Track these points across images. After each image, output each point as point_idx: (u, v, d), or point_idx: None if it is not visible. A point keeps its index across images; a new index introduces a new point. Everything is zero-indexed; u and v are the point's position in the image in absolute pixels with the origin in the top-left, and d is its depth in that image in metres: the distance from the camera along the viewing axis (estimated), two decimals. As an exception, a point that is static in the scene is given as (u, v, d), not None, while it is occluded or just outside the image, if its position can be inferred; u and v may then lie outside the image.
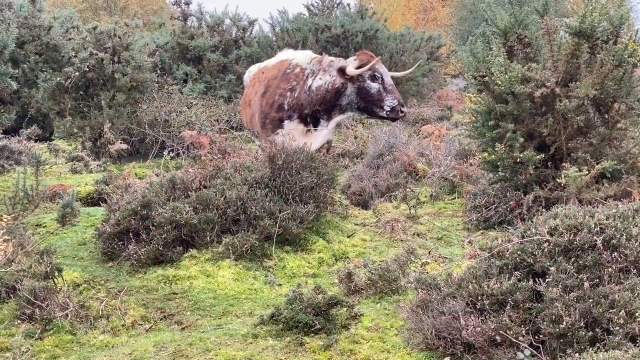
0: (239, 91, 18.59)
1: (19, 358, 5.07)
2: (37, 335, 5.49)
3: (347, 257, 7.42)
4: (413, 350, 5.12)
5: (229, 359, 5.06)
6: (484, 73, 7.57)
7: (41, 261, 6.07)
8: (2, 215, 5.39)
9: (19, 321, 5.64)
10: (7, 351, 5.21)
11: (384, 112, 9.08)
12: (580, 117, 7.30)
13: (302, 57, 10.03)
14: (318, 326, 5.44)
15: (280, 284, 6.76)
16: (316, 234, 7.54)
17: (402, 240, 7.94)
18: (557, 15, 9.44)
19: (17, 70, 7.30)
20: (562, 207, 5.52)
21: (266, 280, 6.79)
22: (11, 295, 5.94)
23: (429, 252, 7.39)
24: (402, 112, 9.13)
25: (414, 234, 8.23)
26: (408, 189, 9.85)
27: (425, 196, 10.25)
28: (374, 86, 9.07)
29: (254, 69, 11.16)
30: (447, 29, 36.47)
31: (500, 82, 7.39)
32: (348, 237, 7.87)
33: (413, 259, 6.80)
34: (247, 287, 6.66)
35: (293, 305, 5.56)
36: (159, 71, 15.76)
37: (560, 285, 4.67)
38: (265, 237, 7.12)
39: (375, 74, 9.09)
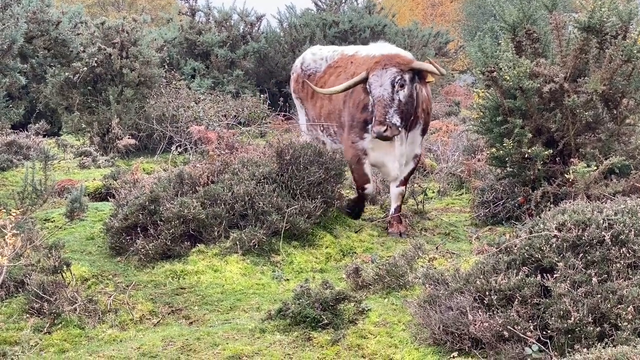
0: (246, 86, 18.57)
1: (27, 352, 5.09)
2: (45, 329, 5.51)
3: (355, 253, 7.42)
4: (420, 345, 5.13)
5: (236, 353, 5.07)
6: (492, 68, 7.55)
7: (50, 256, 6.08)
8: (10, 210, 5.39)
9: (27, 315, 5.66)
10: (15, 345, 5.24)
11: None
12: (588, 112, 7.29)
13: None
14: (325, 321, 5.45)
15: (287, 279, 6.78)
16: (324, 229, 7.54)
17: (409, 236, 7.94)
18: (566, 10, 9.42)
19: (25, 65, 7.32)
20: (570, 202, 5.51)
21: (274, 275, 6.80)
22: (20, 290, 5.96)
23: (437, 248, 7.38)
24: (374, 132, 7.47)
25: (421, 229, 8.24)
26: (416, 185, 9.83)
27: (433, 191, 10.25)
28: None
29: (325, 52, 9.26)
30: (455, 25, 36.41)
31: (508, 78, 7.37)
32: (355, 232, 7.87)
33: (421, 255, 6.79)
34: (255, 282, 6.67)
35: (300, 300, 5.56)
36: (166, 66, 15.77)
37: (568, 281, 4.67)
38: (273, 232, 7.13)
39: None
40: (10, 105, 7.65)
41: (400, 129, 7.45)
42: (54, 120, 16.20)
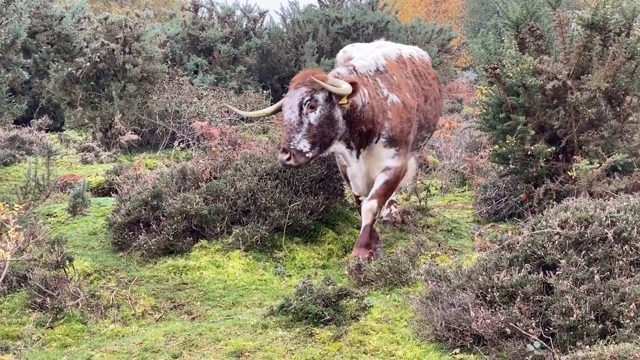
0: (249, 82, 18.56)
1: (30, 346, 5.10)
2: (48, 324, 5.52)
3: (357, 250, 7.41)
4: (423, 341, 5.13)
5: (238, 349, 5.07)
6: (496, 65, 7.54)
7: (52, 250, 6.09)
8: (13, 205, 5.40)
9: (30, 310, 5.67)
10: (18, 339, 5.25)
11: None
12: (591, 109, 7.27)
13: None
14: (328, 317, 5.45)
15: (289, 275, 6.79)
16: (326, 226, 7.54)
17: (412, 232, 7.94)
18: (569, 7, 9.40)
19: (28, 60, 7.32)
20: (573, 200, 5.51)
21: (276, 271, 6.81)
22: (22, 284, 5.96)
23: (439, 245, 7.39)
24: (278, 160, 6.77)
25: (423, 226, 8.23)
26: (418, 181, 9.82)
27: (436, 188, 10.24)
28: None
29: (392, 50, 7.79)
30: (458, 21, 36.37)
31: (511, 75, 7.36)
32: (358, 228, 7.86)
33: (423, 251, 6.80)
34: (257, 278, 6.68)
35: (303, 296, 5.57)
36: (169, 62, 15.78)
37: (570, 278, 4.67)
38: (275, 228, 7.13)
39: None
40: (13, 100, 7.66)
41: (310, 156, 6.44)
42: (57, 115, 16.21)
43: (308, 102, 6.42)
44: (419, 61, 7.86)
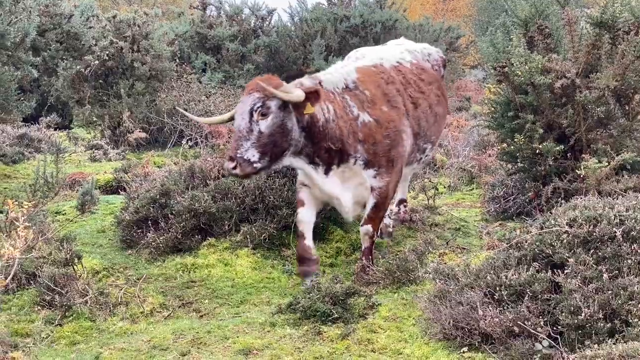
0: (257, 80, 18.50)
1: (39, 344, 5.13)
2: (56, 321, 5.55)
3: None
4: (430, 340, 5.14)
5: (246, 347, 5.09)
6: (504, 64, 7.53)
7: (61, 248, 6.12)
8: (22, 202, 5.42)
9: (38, 307, 5.70)
10: (27, 337, 5.28)
11: None
12: (600, 108, 7.25)
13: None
14: (335, 315, 5.47)
15: (298, 274, 6.78)
16: (334, 224, 7.53)
17: (420, 231, 7.93)
18: (578, 6, 9.37)
19: (38, 59, 7.33)
20: (581, 198, 5.50)
21: (284, 269, 6.82)
22: (31, 282, 5.99)
23: (447, 243, 7.39)
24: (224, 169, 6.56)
25: (431, 224, 8.22)
26: (426, 180, 9.82)
27: (444, 187, 10.24)
28: None
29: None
30: (467, 20, 36.28)
31: (520, 73, 7.34)
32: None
33: (431, 250, 6.80)
34: (265, 276, 6.69)
35: (311, 295, 5.59)
36: (177, 60, 15.77)
37: (579, 277, 4.67)
38: (283, 226, 7.14)
39: None
40: (22, 98, 7.67)
41: (258, 166, 5.99)
42: (65, 113, 16.23)
43: (259, 109, 5.96)
44: (410, 67, 7.22)
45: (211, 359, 4.91)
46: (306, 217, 6.58)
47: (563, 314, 4.58)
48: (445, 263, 6.07)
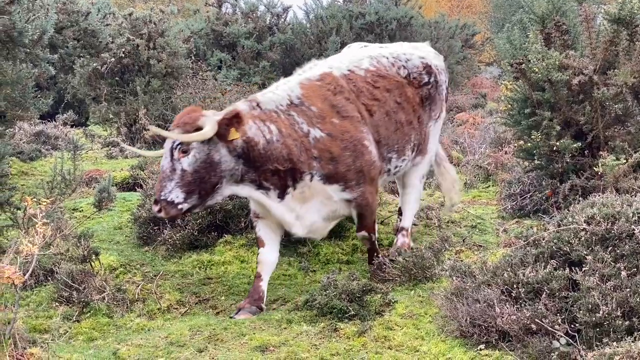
0: (272, 78, 18.55)
1: (57, 339, 5.15)
2: (74, 317, 5.58)
3: (381, 244, 7.41)
4: (447, 337, 5.12)
5: (263, 343, 5.09)
6: (521, 60, 7.50)
7: (78, 245, 6.16)
8: (40, 199, 5.44)
9: (56, 303, 5.74)
10: (45, 333, 5.31)
11: None
12: (618, 105, 7.21)
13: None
14: (352, 312, 5.47)
15: (314, 270, 6.80)
16: (350, 221, 7.50)
17: (436, 228, 7.91)
18: (596, 2, 9.32)
19: (55, 56, 7.35)
20: (599, 196, 5.47)
21: (300, 266, 6.83)
22: (49, 278, 6.03)
23: (463, 240, 7.37)
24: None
25: (448, 221, 8.21)
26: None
27: (460, 184, 10.20)
28: None
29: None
30: (482, 16, 36.17)
31: (537, 70, 7.31)
32: (383, 224, 7.86)
33: (447, 247, 6.78)
34: (282, 273, 6.70)
35: (327, 292, 5.58)
36: (193, 57, 15.79)
37: (597, 274, 4.64)
38: (300, 223, 7.14)
39: None
40: (39, 96, 7.70)
41: (183, 207, 5.66)
42: (82, 110, 16.29)
43: (179, 147, 5.66)
44: (363, 74, 6.64)
45: (228, 356, 4.92)
46: (267, 258, 6.18)
47: (581, 311, 4.56)
48: (461, 260, 6.05)
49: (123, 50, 13.19)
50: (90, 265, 6.08)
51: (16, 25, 6.20)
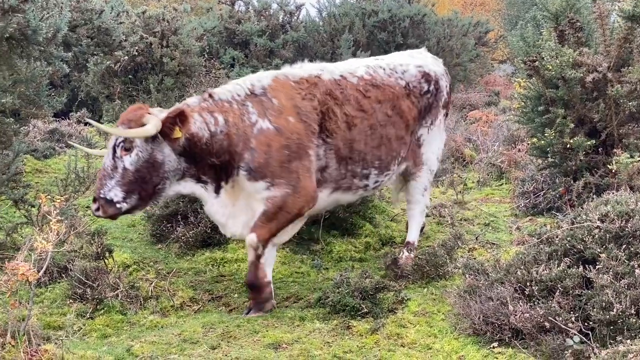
0: (285, 76, 18.53)
1: (71, 336, 5.17)
2: (88, 314, 5.60)
3: (394, 242, 7.41)
4: (460, 335, 5.12)
5: (276, 340, 5.10)
6: (534, 58, 7.49)
7: (92, 242, 6.19)
8: (54, 197, 5.47)
9: (70, 300, 5.76)
10: (59, 329, 5.33)
11: None
12: (632, 102, 7.18)
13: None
14: (365, 310, 5.47)
15: (327, 268, 6.80)
16: (363, 219, 7.53)
17: (449, 226, 7.91)
18: (610, -1, 9.29)
19: (69, 54, 7.37)
20: (613, 193, 5.46)
21: (313, 263, 6.83)
22: (63, 275, 6.06)
23: (476, 238, 7.35)
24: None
25: (461, 219, 8.20)
26: (455, 175, 9.79)
27: (473, 182, 10.20)
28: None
29: None
30: (495, 14, 36.06)
31: (550, 67, 7.30)
32: (395, 221, 7.85)
33: (460, 245, 6.77)
34: (294, 271, 6.71)
35: (340, 289, 5.59)
36: (206, 55, 15.83)
37: (610, 272, 4.63)
38: (312, 221, 7.14)
39: None
40: (53, 94, 7.72)
41: (122, 207, 5.53)
42: (95, 108, 16.34)
43: (122, 144, 5.48)
44: (355, 82, 6.38)
45: (241, 353, 4.92)
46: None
47: (594, 309, 4.55)
48: (474, 258, 6.05)
49: (136, 48, 13.22)
50: (104, 262, 6.10)
51: (30, 23, 6.22)
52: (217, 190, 5.85)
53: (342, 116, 6.15)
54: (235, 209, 5.90)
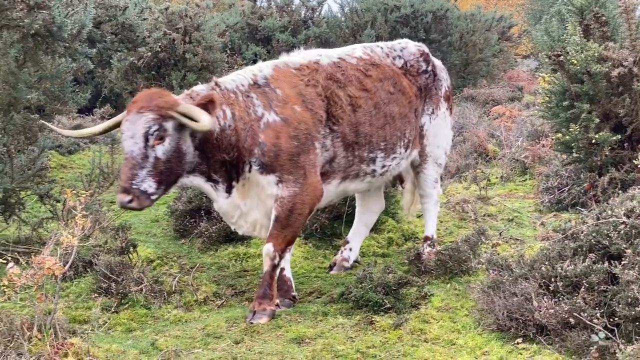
0: (307, 71, 18.53)
1: (96, 330, 5.21)
2: (113, 308, 5.64)
3: (417, 237, 7.40)
4: (484, 330, 5.10)
5: (299, 335, 5.11)
6: (559, 52, 7.44)
7: (117, 237, 6.23)
8: (79, 192, 5.51)
9: (95, 295, 5.80)
10: (85, 323, 5.37)
11: None
12: (658, 97, 7.14)
13: None
14: (388, 305, 5.46)
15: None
16: (385, 214, 7.51)
17: (472, 221, 7.88)
18: (635, -7, 9.22)
19: (93, 50, 7.42)
20: (639, 189, 5.41)
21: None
22: (88, 270, 6.11)
23: (500, 234, 7.32)
24: (117, 202, 5.38)
25: (484, 215, 8.17)
26: (478, 170, 9.75)
27: (496, 177, 10.15)
28: None
29: None
30: (519, 8, 35.82)
31: (575, 62, 7.25)
32: (417, 217, 7.83)
33: (484, 240, 6.74)
34: (317, 266, 6.72)
35: (363, 284, 5.58)
36: (228, 51, 15.88)
37: (636, 268, 4.59)
38: (335, 216, 7.15)
39: None
40: (77, 90, 7.78)
41: (155, 198, 5.31)
42: (119, 104, 16.40)
43: (156, 132, 5.16)
44: (355, 62, 6.27)
45: (264, 347, 4.94)
46: None
47: (620, 305, 4.52)
48: (498, 254, 6.02)
49: (159, 44, 13.28)
50: (128, 257, 6.14)
51: (55, 20, 6.27)
52: (228, 190, 5.67)
53: (347, 98, 6.01)
54: (246, 207, 5.76)
